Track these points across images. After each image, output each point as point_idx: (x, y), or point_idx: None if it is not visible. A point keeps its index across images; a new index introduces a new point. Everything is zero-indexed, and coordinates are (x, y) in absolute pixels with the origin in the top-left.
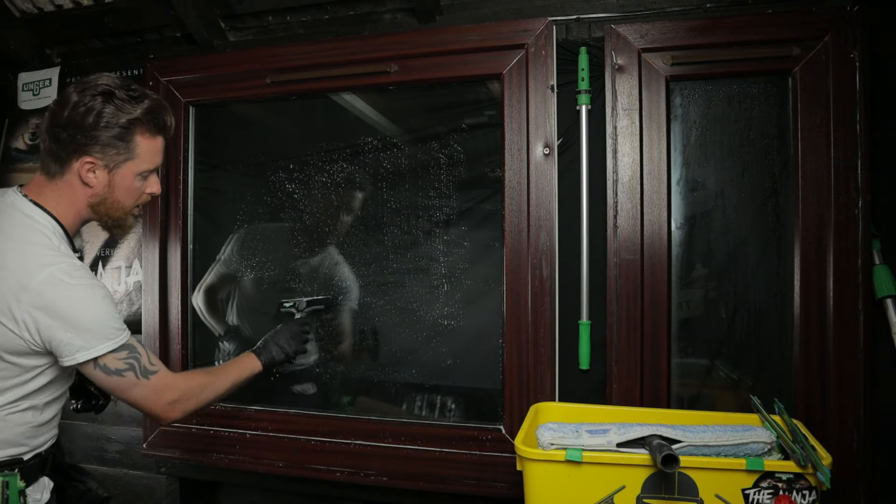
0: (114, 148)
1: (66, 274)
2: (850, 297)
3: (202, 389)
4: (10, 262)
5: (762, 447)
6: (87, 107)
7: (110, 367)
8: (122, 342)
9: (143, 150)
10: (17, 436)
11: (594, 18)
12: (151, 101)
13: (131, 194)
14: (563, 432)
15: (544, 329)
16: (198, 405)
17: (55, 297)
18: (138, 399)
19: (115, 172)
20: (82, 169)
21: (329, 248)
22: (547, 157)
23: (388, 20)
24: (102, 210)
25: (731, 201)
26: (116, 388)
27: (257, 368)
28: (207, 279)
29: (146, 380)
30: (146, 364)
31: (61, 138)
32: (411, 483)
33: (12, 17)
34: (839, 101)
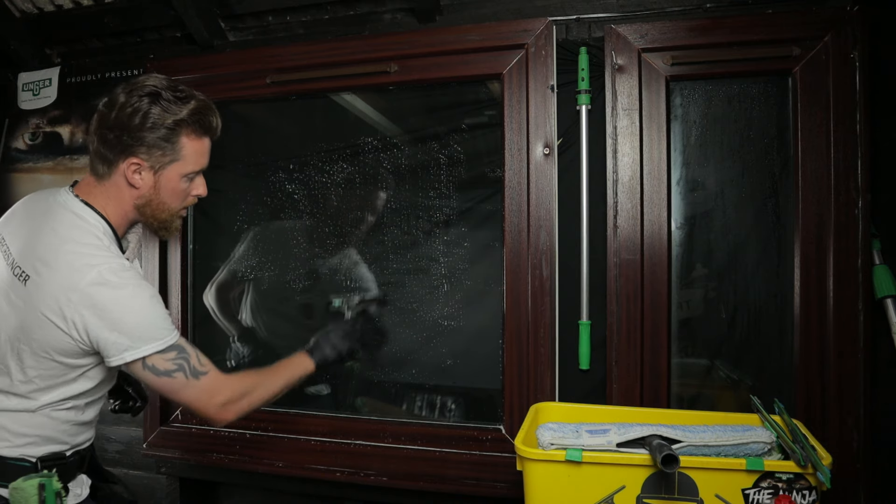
0: (159, 149)
1: (115, 274)
2: (850, 297)
3: (254, 389)
4: (61, 262)
5: (762, 447)
6: (134, 107)
7: (159, 368)
8: (170, 342)
9: (189, 151)
10: (59, 433)
11: (594, 18)
12: (198, 102)
13: (177, 196)
14: (563, 432)
15: (544, 329)
16: (250, 406)
17: (103, 296)
18: (190, 400)
19: (161, 174)
20: (128, 170)
21: (348, 248)
22: (547, 157)
23: (388, 20)
24: (148, 212)
25: (731, 201)
26: (167, 389)
27: (310, 368)
28: (220, 276)
29: (196, 380)
30: (196, 364)
31: (108, 139)
32: (411, 483)
33: (12, 17)
34: (839, 101)
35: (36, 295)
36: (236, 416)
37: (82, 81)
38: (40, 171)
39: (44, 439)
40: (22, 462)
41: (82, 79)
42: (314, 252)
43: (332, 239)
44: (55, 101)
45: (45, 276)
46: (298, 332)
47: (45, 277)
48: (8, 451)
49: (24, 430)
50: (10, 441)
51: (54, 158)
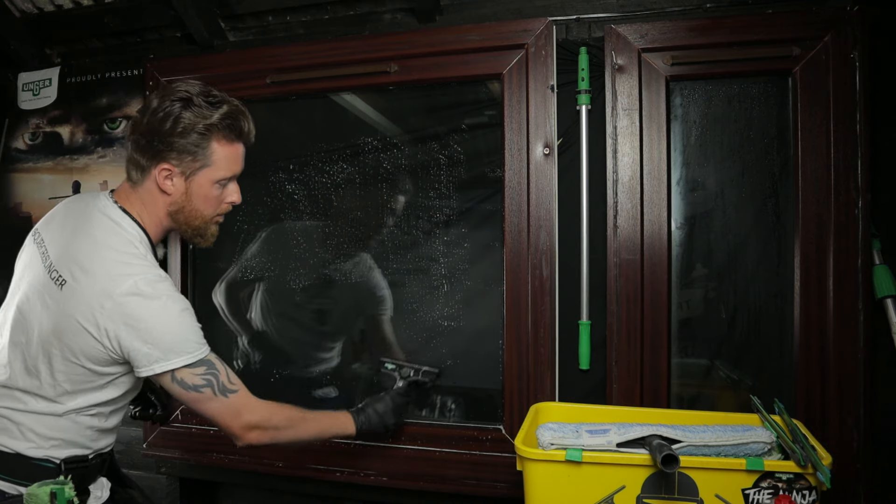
0: (190, 154)
1: (150, 285)
2: (850, 297)
3: (287, 424)
4: (97, 268)
5: (762, 447)
6: (166, 112)
7: (188, 382)
8: (199, 357)
9: (220, 156)
10: (83, 438)
11: (594, 18)
12: (230, 107)
13: (209, 203)
14: (563, 432)
15: (544, 329)
16: (276, 438)
17: (137, 307)
18: (215, 414)
19: (192, 180)
20: (159, 176)
21: (362, 252)
22: (547, 157)
23: (388, 20)
24: (181, 218)
25: (731, 201)
26: (194, 402)
27: (350, 431)
28: (230, 274)
29: (224, 398)
30: (225, 381)
31: (141, 145)
32: (411, 483)
33: (12, 17)
34: (839, 101)
35: (71, 300)
36: (259, 442)
37: (82, 81)
38: (40, 171)
39: (67, 443)
40: (46, 463)
41: (82, 79)
42: (327, 257)
43: (346, 243)
44: (55, 101)
45: (81, 282)
46: (308, 336)
47: (82, 283)
48: (34, 452)
49: (49, 432)
50: (36, 442)
51: (54, 158)
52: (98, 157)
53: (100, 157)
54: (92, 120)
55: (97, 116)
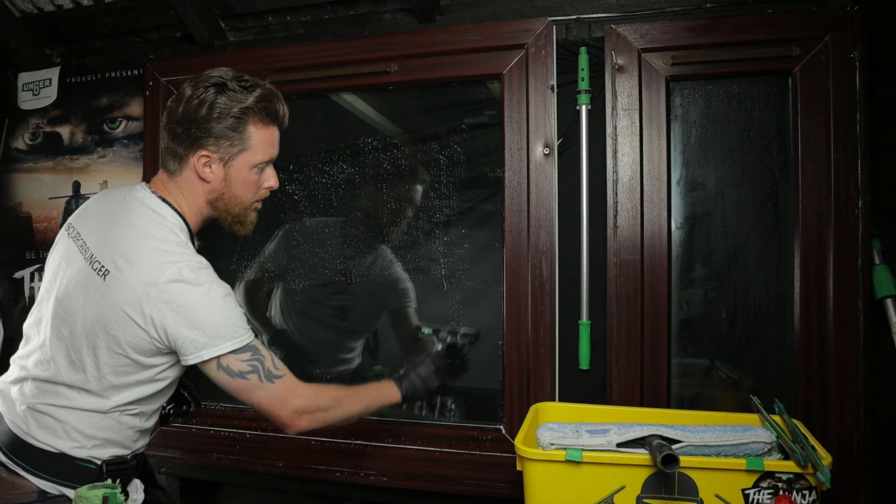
0: (227, 139)
1: (193, 272)
2: (850, 297)
3: (334, 403)
4: (141, 257)
5: (762, 447)
6: (201, 99)
7: (234, 369)
8: (245, 342)
9: (257, 140)
10: (124, 438)
11: (594, 18)
12: (263, 90)
13: (248, 188)
14: (563, 432)
15: (544, 329)
16: (325, 422)
17: (182, 293)
18: (263, 403)
19: (231, 165)
20: (198, 163)
21: (381, 246)
22: (547, 157)
23: (388, 20)
24: (221, 206)
25: (731, 201)
26: (241, 391)
27: (395, 398)
28: (249, 275)
29: (271, 384)
30: (270, 367)
31: (177, 133)
32: (411, 483)
33: (12, 17)
34: (839, 100)
35: (115, 290)
36: (310, 427)
37: (82, 81)
38: (40, 171)
39: (109, 442)
40: (88, 464)
41: (82, 79)
42: (347, 252)
43: (365, 238)
44: (55, 101)
45: (125, 272)
46: (329, 335)
47: (126, 273)
48: (77, 452)
49: (93, 431)
50: (80, 442)
51: (54, 158)
52: (98, 157)
53: (100, 157)
54: (92, 120)
55: (97, 116)
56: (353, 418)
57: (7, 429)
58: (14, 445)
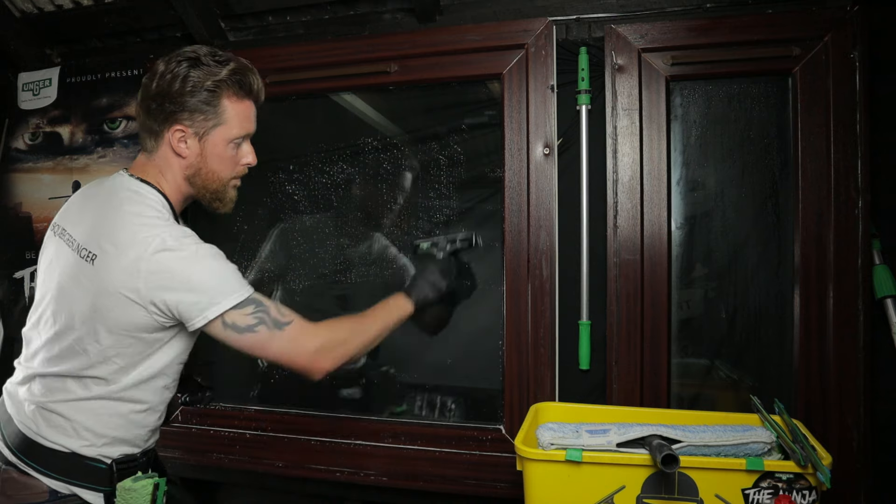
0: (201, 113)
1: (176, 240)
2: (850, 297)
3: (349, 333)
4: (125, 236)
5: (762, 447)
6: (174, 73)
7: (240, 325)
8: (246, 296)
9: (232, 114)
10: (135, 437)
11: (594, 18)
12: (237, 63)
13: (225, 163)
14: (563, 432)
15: (544, 329)
16: (346, 353)
17: (170, 261)
18: (280, 353)
19: (206, 139)
20: (173, 138)
21: (375, 233)
22: (547, 157)
23: (388, 20)
24: (199, 182)
25: (731, 201)
26: (254, 346)
27: (408, 310)
28: (248, 277)
29: (281, 331)
30: (276, 316)
31: (151, 109)
32: (411, 483)
33: (12, 17)
34: (839, 100)
35: (105, 273)
36: (333, 364)
37: (82, 81)
38: (40, 171)
39: (119, 441)
40: (98, 463)
41: (82, 79)
42: (342, 243)
43: (358, 227)
44: (55, 101)
45: (111, 254)
46: None
47: (112, 254)
48: (87, 451)
49: (102, 429)
50: (89, 440)
51: (54, 158)
52: (98, 157)
53: (100, 157)
54: (92, 120)
55: (97, 116)
56: (373, 343)
57: (17, 430)
58: (24, 446)
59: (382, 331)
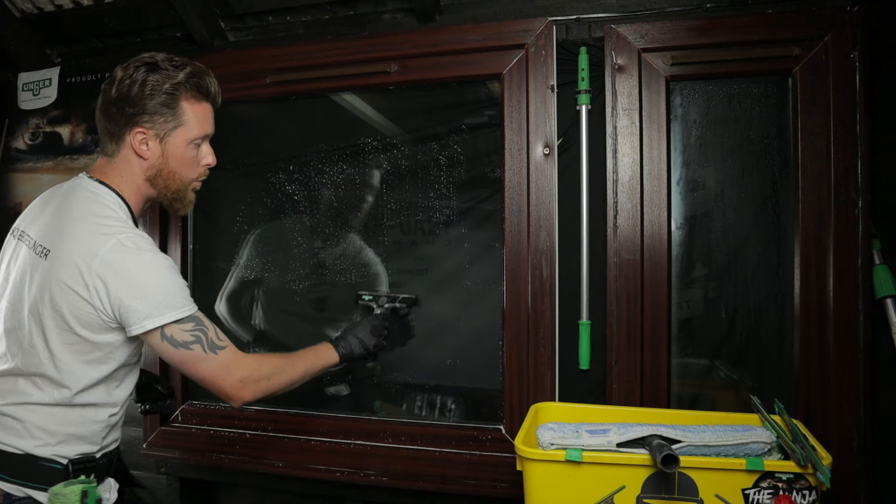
0: (161, 115)
1: (132, 242)
2: (850, 297)
3: (274, 373)
4: (80, 232)
5: (762, 447)
6: (132, 78)
7: (177, 339)
8: (188, 313)
9: (191, 115)
10: (91, 433)
11: (594, 18)
12: (194, 67)
13: (186, 164)
14: (563, 432)
15: (544, 329)
16: (269, 388)
17: (123, 262)
18: (206, 374)
19: (167, 141)
20: (135, 141)
21: (350, 235)
22: (547, 157)
23: (388, 20)
24: (160, 182)
25: (731, 201)
26: (184, 362)
27: (333, 360)
28: (228, 286)
29: (214, 354)
30: (213, 338)
31: (112, 114)
32: (411, 483)
33: (12, 17)
34: (839, 101)
35: (56, 265)
36: (253, 396)
37: (82, 81)
38: (40, 171)
39: (75, 438)
40: (53, 464)
41: (82, 79)
42: (317, 245)
43: (333, 229)
44: (55, 101)
45: (64, 247)
46: (313, 327)
47: (65, 248)
48: (41, 451)
49: (56, 426)
50: (43, 439)
51: (54, 158)
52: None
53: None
54: (92, 120)
55: None
56: (294, 384)
57: None
58: None
59: (306, 375)
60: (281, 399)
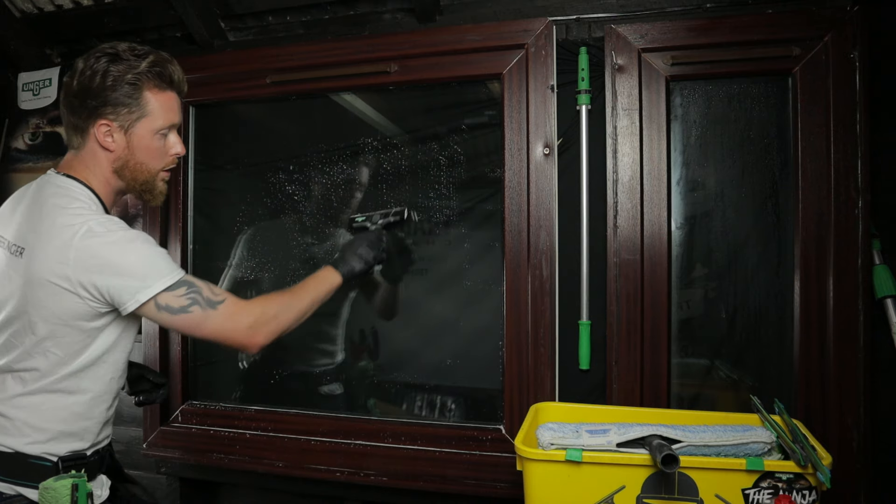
0: (125, 106)
1: (102, 226)
2: (850, 297)
3: (281, 308)
4: (51, 226)
5: (762, 447)
6: (93, 69)
7: (174, 306)
8: (177, 278)
9: (155, 105)
10: (80, 429)
11: (594, 18)
12: (156, 56)
13: (153, 154)
14: (563, 432)
15: (544, 329)
16: (280, 328)
17: (99, 246)
18: (215, 332)
19: (132, 132)
20: (99, 133)
21: (338, 230)
22: (547, 157)
23: (388, 20)
24: (128, 174)
25: (731, 201)
26: (189, 326)
27: (336, 281)
28: (223, 285)
29: (214, 310)
30: (209, 295)
31: (75, 107)
32: (411, 483)
33: (12, 17)
34: (839, 101)
35: (33, 263)
36: (267, 338)
37: None
38: (40, 171)
39: (64, 435)
40: (43, 461)
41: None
42: (308, 242)
43: (324, 224)
44: (55, 101)
45: (39, 244)
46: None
47: (40, 244)
48: (31, 448)
49: (45, 424)
50: (32, 437)
51: (54, 158)
52: None
53: None
54: None
55: None
56: (305, 315)
57: None
58: None
59: (313, 303)
60: (281, 399)
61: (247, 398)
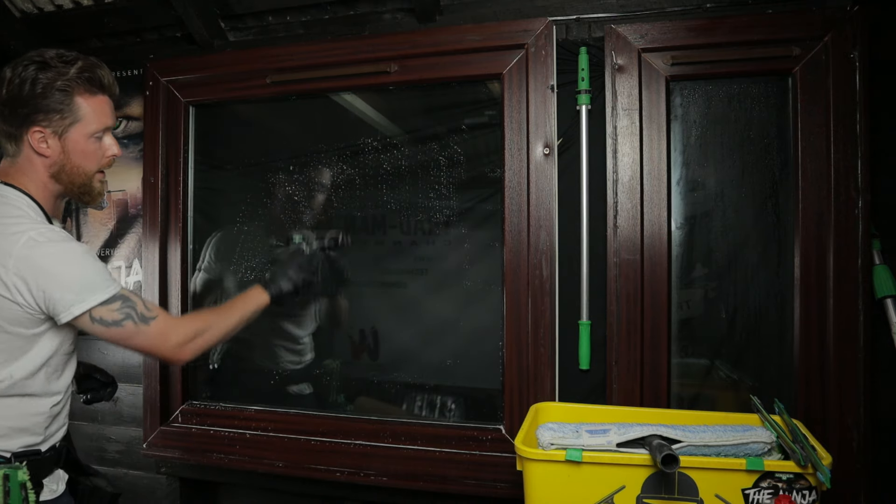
0: (57, 112)
1: (44, 236)
2: (850, 297)
3: (208, 328)
4: None
5: (762, 447)
6: (22, 78)
7: (107, 319)
8: (112, 293)
9: (87, 110)
10: (33, 425)
11: (594, 18)
12: (85, 61)
13: (89, 158)
14: (563, 432)
15: (544, 329)
16: (206, 343)
17: (39, 256)
18: (144, 346)
19: (66, 138)
20: (33, 140)
21: (304, 231)
22: (547, 157)
23: (388, 20)
24: (65, 178)
25: (731, 201)
26: (120, 339)
27: (264, 301)
28: (193, 288)
29: (146, 326)
30: (143, 311)
31: (6, 115)
32: (411, 483)
33: (12, 17)
34: (839, 101)
35: None
36: (193, 354)
37: None
38: None
39: (16, 431)
40: None
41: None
42: (272, 243)
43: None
44: None
45: None
46: (272, 322)
47: None
48: None
49: None
50: None
51: None
52: None
53: None
54: None
55: None
56: (232, 332)
57: None
58: None
59: (241, 321)
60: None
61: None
